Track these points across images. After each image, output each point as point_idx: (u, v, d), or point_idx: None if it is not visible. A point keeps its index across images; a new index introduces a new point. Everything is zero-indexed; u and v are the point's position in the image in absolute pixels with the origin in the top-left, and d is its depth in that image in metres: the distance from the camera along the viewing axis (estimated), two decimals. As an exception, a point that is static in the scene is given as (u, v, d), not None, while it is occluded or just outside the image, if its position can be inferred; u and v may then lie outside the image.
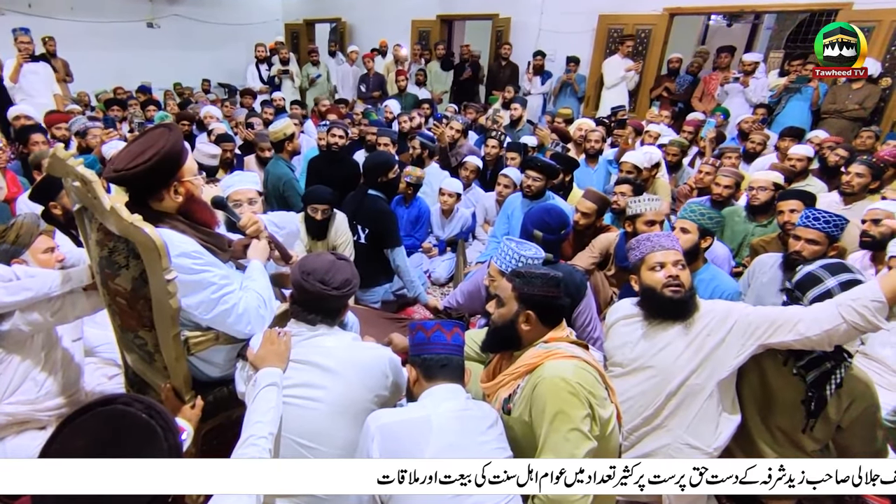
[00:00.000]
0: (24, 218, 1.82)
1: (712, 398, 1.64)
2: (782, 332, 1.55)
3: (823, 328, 1.48)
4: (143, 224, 1.27)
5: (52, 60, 5.49)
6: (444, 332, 1.43)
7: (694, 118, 5.38)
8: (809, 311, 1.55)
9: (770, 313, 1.61)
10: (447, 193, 3.62)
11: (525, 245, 1.84)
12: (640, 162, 3.66)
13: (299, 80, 7.24)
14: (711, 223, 2.21)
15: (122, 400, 0.85)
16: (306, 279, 1.46)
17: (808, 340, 1.52)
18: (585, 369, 1.41)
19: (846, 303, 1.46)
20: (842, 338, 1.49)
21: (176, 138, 1.43)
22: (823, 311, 1.50)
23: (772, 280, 2.44)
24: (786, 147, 4.29)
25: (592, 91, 7.11)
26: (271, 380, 1.35)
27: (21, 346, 1.72)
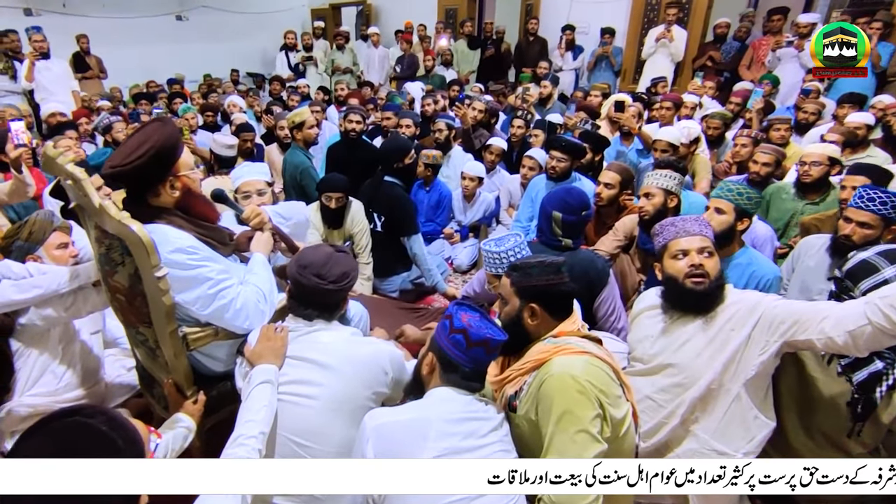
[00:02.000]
0: (38, 215, 1.85)
1: (739, 400, 1.49)
2: (807, 331, 1.37)
3: (847, 329, 1.28)
4: (130, 221, 1.25)
5: (86, 58, 5.69)
6: (488, 348, 1.26)
7: (741, 88, 4.99)
8: (838, 308, 1.35)
9: (797, 307, 1.43)
10: (468, 177, 3.51)
11: (503, 240, 1.75)
12: (676, 138, 3.41)
13: (323, 66, 7.20)
14: (750, 203, 2.01)
15: (85, 412, 0.83)
16: (302, 273, 1.41)
17: (833, 343, 1.32)
18: (597, 366, 1.31)
19: (874, 301, 1.26)
20: (869, 343, 1.28)
21: (169, 133, 1.41)
22: (850, 310, 1.31)
23: (819, 265, 2.22)
24: (844, 115, 3.90)
25: (630, 64, 6.74)
26: (265, 377, 1.32)
27: (38, 339, 1.77)
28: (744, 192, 2.01)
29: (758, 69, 5.66)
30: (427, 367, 1.33)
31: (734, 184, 2.06)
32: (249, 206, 1.77)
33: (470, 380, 1.29)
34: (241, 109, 4.82)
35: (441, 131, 3.92)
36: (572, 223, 2.10)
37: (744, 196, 2.01)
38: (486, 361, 1.30)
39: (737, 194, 2.02)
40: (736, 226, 2.01)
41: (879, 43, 4.78)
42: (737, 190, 2.03)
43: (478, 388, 1.31)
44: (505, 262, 1.78)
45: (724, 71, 5.99)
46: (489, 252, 1.81)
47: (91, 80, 5.64)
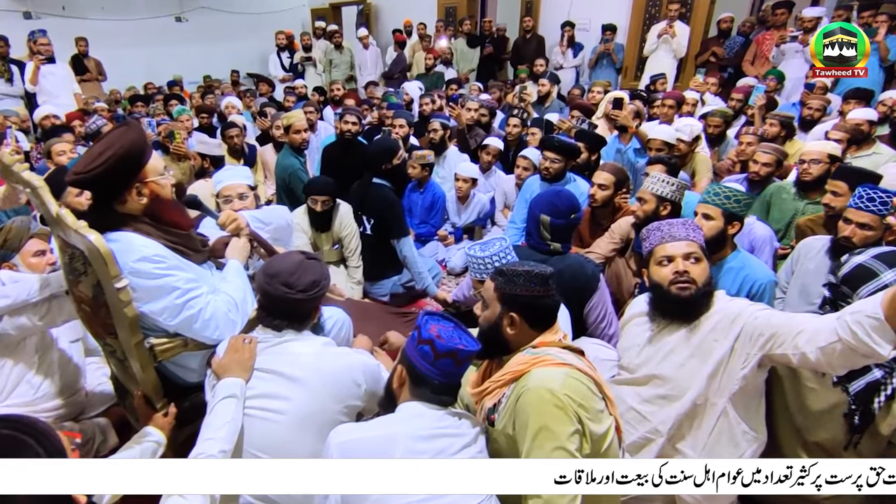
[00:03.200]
0: (13, 222, 1.82)
1: (726, 416, 1.42)
2: (782, 345, 1.30)
3: (818, 345, 1.21)
4: (87, 231, 1.21)
5: (85, 60, 5.68)
6: (456, 360, 1.20)
7: (744, 84, 4.89)
8: (814, 322, 1.27)
9: (776, 319, 1.35)
10: (462, 179, 3.45)
11: (488, 244, 1.70)
12: (671, 136, 3.33)
13: (322, 66, 7.17)
14: (739, 206, 1.93)
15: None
16: (270, 282, 1.36)
17: (806, 360, 1.24)
18: (577, 378, 1.25)
19: (845, 316, 1.18)
20: (842, 361, 1.20)
21: (134, 137, 1.37)
22: (824, 325, 1.23)
23: (819, 267, 2.14)
24: (849, 111, 3.79)
25: (632, 61, 6.63)
26: (230, 391, 1.28)
27: (13, 349, 1.74)
28: (731, 196, 1.93)
29: (762, 65, 5.55)
30: (397, 381, 1.28)
31: (721, 187, 1.99)
32: (225, 211, 1.73)
33: (441, 393, 1.24)
34: (239, 111, 4.79)
35: (436, 131, 3.86)
36: (560, 227, 2.05)
37: (731, 199, 1.93)
38: (456, 374, 1.24)
39: (724, 198, 1.94)
40: (726, 230, 1.93)
41: (888, 36, 4.65)
42: (724, 193, 1.95)
43: (449, 402, 1.26)
44: (490, 266, 1.73)
45: (728, 67, 5.88)
46: (473, 257, 1.76)
47: (90, 82, 5.63)
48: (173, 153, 3.57)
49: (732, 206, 1.91)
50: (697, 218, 1.95)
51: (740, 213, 1.93)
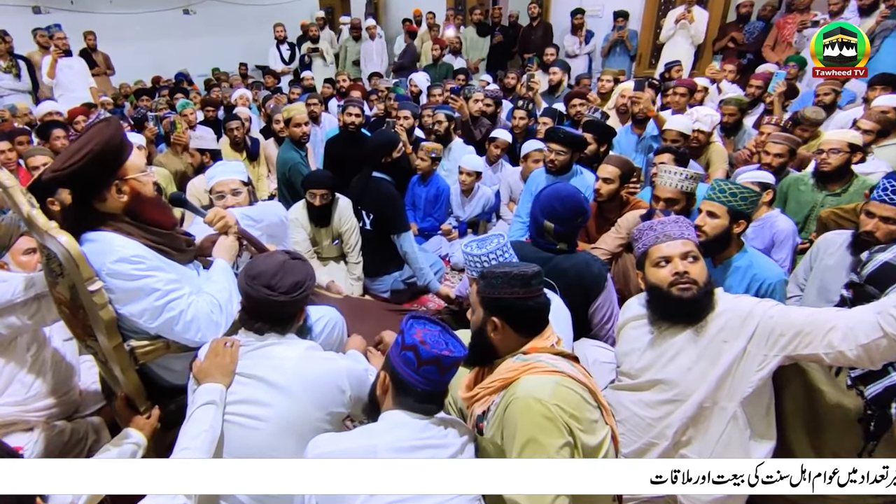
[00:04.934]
0: (3, 220, 1.80)
1: (736, 420, 1.35)
2: (811, 344, 1.24)
3: (860, 342, 1.16)
4: (58, 232, 1.17)
5: (93, 54, 5.70)
6: (440, 367, 1.15)
7: (763, 70, 4.69)
8: (847, 316, 1.21)
9: (797, 317, 1.28)
10: (466, 172, 3.36)
11: (485, 241, 1.62)
12: (687, 127, 3.20)
13: (330, 58, 7.08)
14: (745, 204, 1.80)
15: None
16: (251, 284, 1.31)
17: (843, 357, 1.20)
18: (568, 387, 1.19)
19: (888, 310, 1.14)
20: (885, 356, 1.16)
21: (111, 134, 1.32)
22: (861, 320, 1.18)
23: (839, 264, 2.02)
24: (875, 98, 3.61)
25: (646, 48, 6.43)
26: (209, 397, 1.23)
27: (4, 348, 1.71)
28: (738, 193, 1.81)
29: (783, 50, 5.32)
30: (380, 388, 1.23)
31: (727, 184, 1.87)
32: (212, 209, 1.68)
33: (425, 402, 1.18)
34: (248, 103, 4.74)
35: (440, 123, 3.78)
36: (564, 233, 1.96)
37: (738, 196, 1.81)
38: (440, 382, 1.18)
39: (730, 195, 1.82)
40: (731, 229, 1.83)
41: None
42: (729, 190, 1.83)
43: (434, 410, 1.20)
44: (486, 265, 1.66)
45: (747, 53, 5.65)
46: (470, 254, 1.69)
47: (98, 76, 5.64)
48: (174, 144, 3.55)
49: (739, 203, 1.80)
50: (701, 216, 1.84)
51: (747, 212, 1.82)
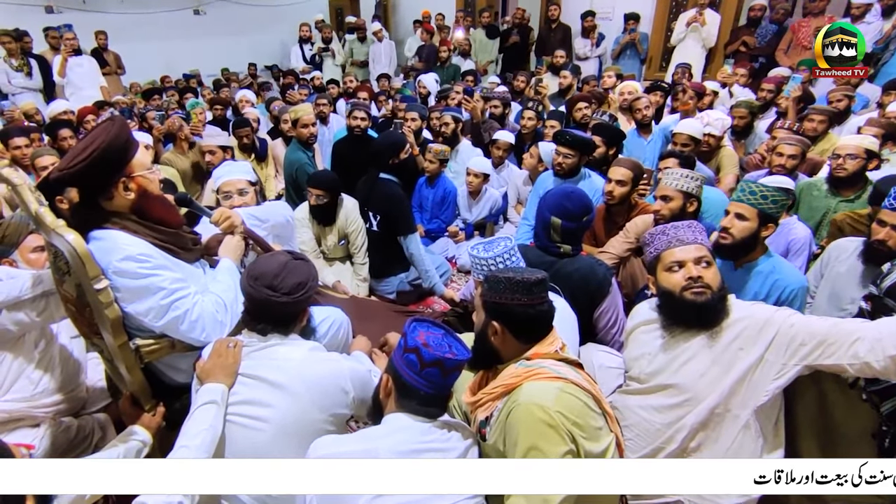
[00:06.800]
0: (12, 217, 1.82)
1: (748, 429, 1.33)
2: (834, 354, 1.21)
3: (888, 353, 1.12)
4: (65, 230, 1.17)
5: (104, 54, 5.76)
6: (443, 369, 1.14)
7: (776, 74, 4.63)
8: (873, 327, 1.19)
9: (819, 326, 1.26)
10: (473, 174, 3.35)
11: (492, 244, 1.60)
12: (698, 131, 3.17)
13: (341, 59, 7.10)
14: (775, 207, 1.76)
15: None
16: (253, 285, 1.30)
17: (869, 368, 1.17)
18: (572, 394, 1.18)
19: None
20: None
21: (118, 132, 1.33)
22: (889, 331, 1.15)
23: (850, 271, 1.99)
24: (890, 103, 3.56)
25: (657, 51, 6.38)
26: (211, 397, 1.23)
27: (12, 344, 1.73)
28: (768, 195, 1.76)
29: (797, 54, 5.25)
30: (383, 390, 1.22)
31: (758, 185, 1.81)
32: (218, 209, 1.68)
33: (428, 405, 1.17)
34: (252, 104, 4.77)
35: (447, 125, 3.77)
36: (572, 230, 1.94)
37: (768, 199, 1.76)
38: (443, 385, 1.17)
39: (761, 197, 1.77)
40: (759, 232, 1.79)
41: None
42: (760, 193, 1.77)
43: (437, 413, 1.19)
44: (493, 268, 1.64)
45: (760, 56, 5.59)
46: (476, 257, 1.68)
47: (109, 76, 5.70)
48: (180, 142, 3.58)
49: (769, 206, 1.75)
50: (730, 217, 1.79)
51: (776, 215, 1.78)
